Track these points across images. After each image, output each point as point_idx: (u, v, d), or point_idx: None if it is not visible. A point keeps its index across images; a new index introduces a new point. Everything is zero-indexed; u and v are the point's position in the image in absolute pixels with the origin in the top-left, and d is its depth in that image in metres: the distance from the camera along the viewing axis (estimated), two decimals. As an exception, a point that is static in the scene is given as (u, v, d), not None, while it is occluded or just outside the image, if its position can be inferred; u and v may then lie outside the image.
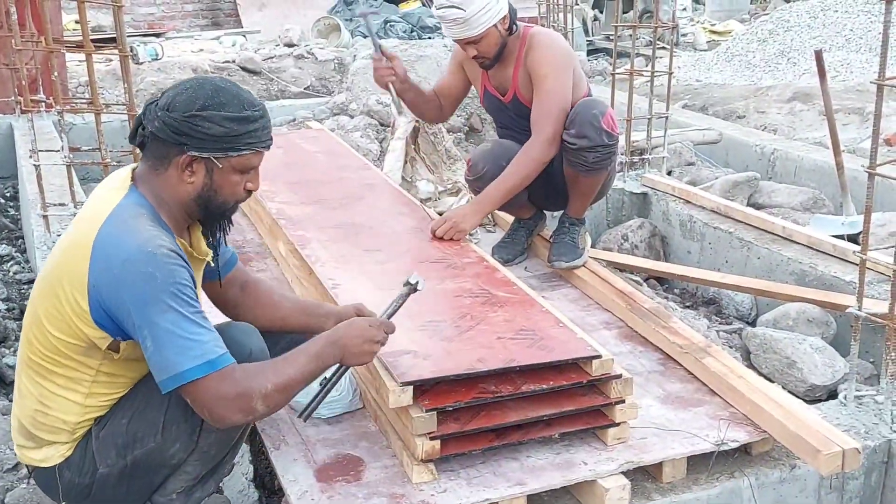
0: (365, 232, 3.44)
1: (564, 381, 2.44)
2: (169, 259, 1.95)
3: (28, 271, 4.67)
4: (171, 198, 2.08)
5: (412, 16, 11.86)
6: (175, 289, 1.94)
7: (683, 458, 2.47)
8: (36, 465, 2.17)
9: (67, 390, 2.08)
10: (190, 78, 2.12)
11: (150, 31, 11.47)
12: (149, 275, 1.92)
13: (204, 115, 2.00)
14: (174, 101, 2.02)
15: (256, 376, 2.00)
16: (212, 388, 1.94)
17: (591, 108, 3.49)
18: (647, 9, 9.87)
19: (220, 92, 2.04)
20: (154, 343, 1.92)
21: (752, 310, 4.13)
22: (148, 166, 2.09)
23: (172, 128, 2.00)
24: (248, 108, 2.06)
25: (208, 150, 2.02)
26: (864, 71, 8.51)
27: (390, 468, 2.40)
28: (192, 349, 1.92)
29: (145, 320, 1.92)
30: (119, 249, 1.94)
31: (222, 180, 2.08)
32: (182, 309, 1.93)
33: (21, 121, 6.12)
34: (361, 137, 5.98)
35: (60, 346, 2.04)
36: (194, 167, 2.05)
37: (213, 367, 1.94)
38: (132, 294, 1.92)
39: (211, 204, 2.11)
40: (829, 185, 5.13)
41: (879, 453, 2.63)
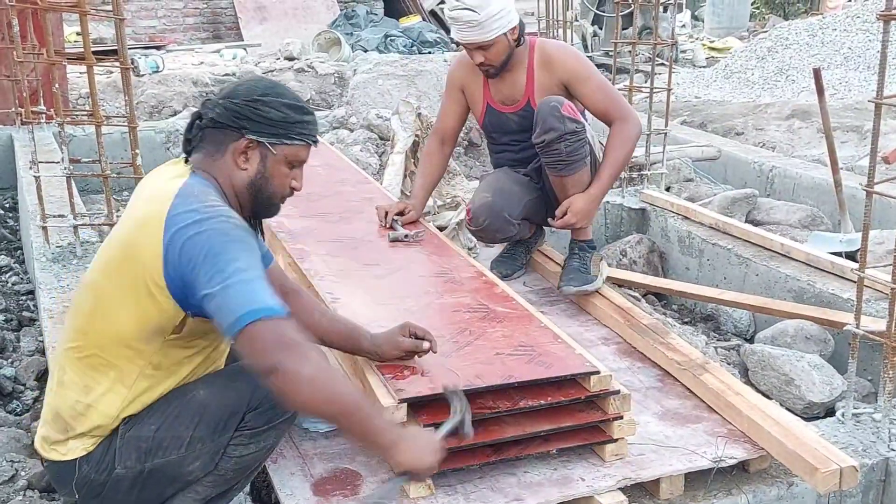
0: (364, 246, 3.44)
1: (562, 396, 2.44)
2: (241, 226, 2.04)
3: (26, 282, 4.66)
4: (227, 185, 2.16)
5: (412, 30, 11.91)
6: (244, 244, 2.00)
7: (681, 474, 2.46)
8: (56, 458, 2.16)
9: (114, 383, 2.09)
10: (243, 79, 2.27)
11: (152, 44, 11.51)
12: (223, 231, 1.99)
13: (265, 101, 2.13)
14: (235, 90, 2.16)
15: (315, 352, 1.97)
16: (271, 327, 1.91)
17: (548, 102, 3.51)
18: (646, 25, 9.90)
19: (278, 85, 2.21)
20: (222, 287, 1.92)
21: (750, 326, 4.13)
22: (203, 155, 2.17)
23: (234, 112, 2.12)
24: (302, 101, 2.23)
25: (265, 134, 2.13)
26: (862, 89, 8.54)
27: (388, 483, 2.39)
28: (259, 294, 1.94)
29: (215, 268, 1.94)
30: (192, 215, 2.00)
31: (274, 169, 2.18)
32: (250, 261, 1.98)
33: (21, 132, 6.12)
34: (361, 151, 5.99)
35: (126, 329, 2.06)
36: (249, 153, 2.15)
37: (272, 312, 1.93)
38: (206, 247, 1.96)
39: (261, 194, 2.20)
40: (828, 203, 5.14)
41: (877, 471, 2.63)
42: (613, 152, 3.58)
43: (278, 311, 1.94)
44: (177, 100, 8.35)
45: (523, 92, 3.67)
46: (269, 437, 2.18)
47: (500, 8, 3.46)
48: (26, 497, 2.62)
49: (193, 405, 2.11)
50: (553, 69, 3.62)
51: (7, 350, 3.80)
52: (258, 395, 2.11)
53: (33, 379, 3.48)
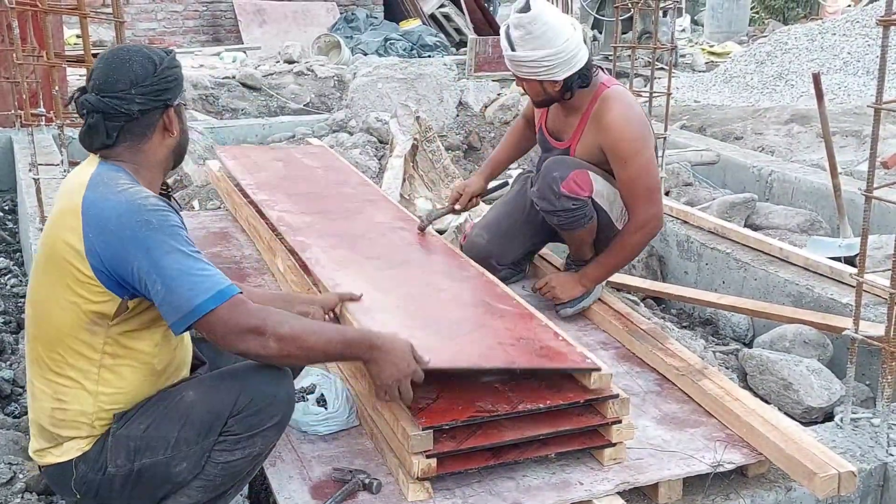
0: (364, 242, 3.44)
1: (561, 400, 2.44)
2: (158, 206, 2.03)
3: (25, 284, 4.66)
4: (148, 164, 2.16)
5: (412, 34, 11.93)
6: (173, 230, 2.01)
7: (679, 479, 2.46)
8: (53, 461, 2.17)
9: (77, 381, 2.09)
10: (98, 58, 2.19)
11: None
12: (145, 222, 1.99)
13: (165, 65, 2.13)
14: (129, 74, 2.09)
15: (275, 315, 2.07)
16: (224, 316, 1.99)
17: (552, 170, 3.36)
18: (646, 30, 9.91)
19: (141, 50, 2.15)
20: (164, 284, 1.97)
21: (748, 331, 4.13)
22: (125, 148, 2.14)
23: (154, 92, 2.10)
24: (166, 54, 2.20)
25: (179, 92, 2.17)
26: (861, 94, 8.55)
27: (386, 486, 2.39)
28: (202, 283, 1.98)
29: (152, 265, 1.97)
30: (108, 208, 2.01)
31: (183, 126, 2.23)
32: (183, 248, 2.00)
33: (21, 134, 6.13)
34: (360, 154, 5.99)
35: (65, 327, 2.06)
36: (172, 118, 2.16)
37: (224, 296, 1.99)
38: (133, 244, 1.97)
39: (183, 147, 2.26)
40: (827, 208, 5.14)
41: (875, 476, 2.63)
42: (619, 250, 3.45)
43: (223, 296, 1.99)
44: (176, 102, 8.35)
45: (571, 135, 3.48)
46: (254, 445, 2.15)
47: (545, 57, 3.21)
48: (24, 500, 2.62)
49: (181, 406, 2.11)
50: (599, 131, 3.37)
51: (5, 352, 3.80)
52: (242, 400, 2.10)
53: (32, 381, 3.48)
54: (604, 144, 3.35)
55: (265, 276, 3.83)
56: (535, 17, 3.17)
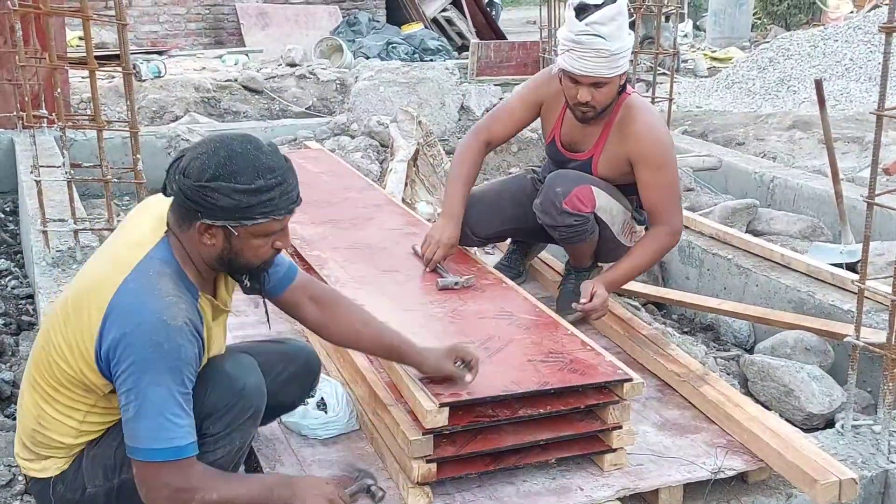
0: (379, 253, 3.43)
1: (561, 405, 2.43)
2: (181, 335, 1.94)
3: (26, 286, 4.66)
4: (196, 255, 2.06)
5: (414, 38, 11.93)
6: (177, 365, 1.94)
7: (680, 485, 2.46)
8: (34, 475, 2.18)
9: (64, 416, 2.09)
10: (210, 139, 2.02)
11: (154, 49, 11.53)
12: (157, 344, 1.92)
13: (212, 187, 1.93)
14: (189, 166, 1.96)
15: (209, 481, 1.99)
16: (163, 472, 1.94)
17: (555, 185, 3.30)
18: (648, 35, 9.92)
19: (234, 159, 1.95)
20: (136, 411, 1.93)
21: (749, 337, 4.13)
22: (175, 219, 2.05)
23: (186, 195, 1.96)
24: (263, 176, 1.96)
25: (220, 219, 1.97)
26: (863, 100, 8.54)
27: (386, 491, 2.38)
28: (168, 430, 1.93)
29: (135, 386, 1.93)
30: (136, 310, 1.94)
31: (242, 245, 2.03)
32: (175, 388, 1.94)
33: (23, 136, 6.13)
34: (362, 158, 6.00)
35: (63, 377, 2.05)
36: (212, 231, 2.00)
37: (179, 454, 1.94)
38: (135, 358, 1.92)
39: (234, 264, 2.08)
40: (828, 214, 5.14)
41: (876, 483, 2.62)
42: (637, 257, 3.34)
43: (177, 453, 1.93)
44: (178, 105, 8.36)
45: (591, 146, 3.37)
46: (233, 440, 2.13)
47: (628, 45, 3.12)
48: (24, 502, 2.62)
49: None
50: (625, 140, 3.27)
51: (6, 354, 3.80)
52: (211, 401, 2.07)
53: (32, 383, 3.47)
54: (633, 153, 3.26)
55: (266, 279, 3.82)
56: (620, 7, 3.07)
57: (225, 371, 2.10)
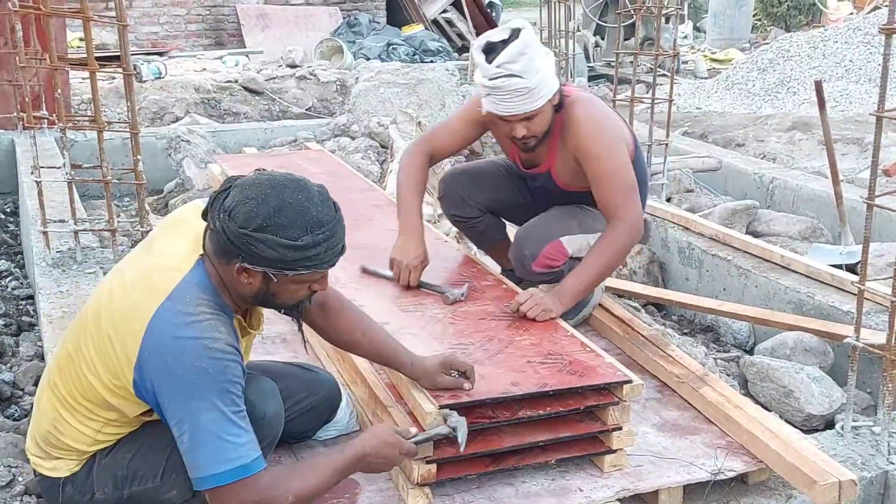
0: (379, 254, 3.42)
1: (561, 407, 2.43)
2: (224, 355, 1.93)
3: (26, 287, 4.66)
4: (232, 288, 2.04)
5: (415, 39, 11.93)
6: (224, 386, 1.92)
7: (679, 486, 2.46)
8: (44, 472, 2.18)
9: (82, 425, 2.09)
10: (261, 181, 1.97)
11: (154, 50, 11.53)
12: (201, 370, 1.90)
13: (258, 238, 1.91)
14: (236, 209, 1.92)
15: (280, 485, 1.97)
16: (236, 492, 1.92)
17: (523, 247, 3.26)
18: (648, 36, 9.92)
19: (283, 211, 1.92)
20: (191, 439, 1.91)
21: (749, 338, 4.13)
22: (213, 250, 2.02)
23: (228, 239, 1.93)
24: (311, 231, 1.95)
25: (261, 267, 1.96)
26: (863, 102, 8.54)
27: (385, 491, 2.39)
28: (228, 451, 1.90)
29: (187, 414, 1.90)
30: (175, 337, 1.91)
31: (279, 289, 2.02)
32: (226, 409, 1.91)
33: (23, 137, 6.13)
34: (362, 159, 6.00)
35: (91, 393, 2.04)
36: (251, 274, 1.98)
37: (247, 472, 1.92)
38: (180, 386, 1.90)
39: (269, 304, 2.08)
40: (828, 215, 5.14)
41: (876, 485, 2.62)
42: (593, 259, 3.13)
43: (245, 471, 1.91)
44: (179, 106, 8.37)
45: (545, 159, 3.28)
46: None
47: (545, 72, 2.98)
48: (24, 502, 2.61)
49: (166, 434, 2.04)
50: (568, 140, 3.16)
51: (6, 355, 3.80)
52: None
53: (32, 384, 3.48)
54: (575, 150, 3.14)
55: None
56: (526, 39, 2.93)
57: (246, 398, 2.06)
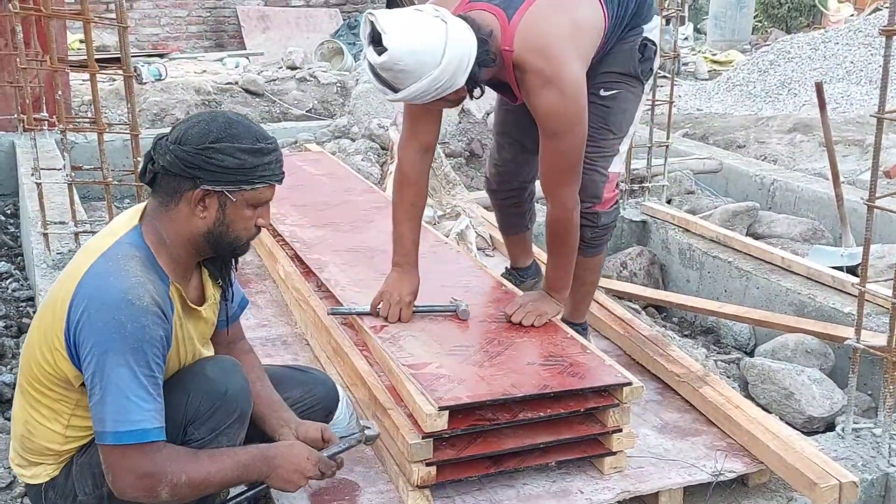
0: (379, 255, 3.42)
1: (562, 409, 2.43)
2: (145, 313, 1.92)
3: (27, 289, 4.66)
4: (178, 236, 2.05)
5: (415, 41, 11.93)
6: (139, 346, 1.91)
7: (680, 488, 2.45)
8: (27, 481, 2.18)
9: (49, 420, 2.08)
10: (200, 112, 2.08)
11: (154, 52, 11.53)
12: (119, 324, 1.89)
13: (217, 147, 1.96)
14: (186, 133, 1.98)
15: (176, 463, 1.95)
16: (128, 456, 1.90)
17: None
18: (648, 38, 9.91)
19: (233, 124, 2.01)
20: (100, 393, 1.90)
21: (750, 340, 4.13)
22: (157, 203, 2.05)
23: (185, 161, 1.97)
24: (262, 140, 2.03)
25: (222, 182, 1.99)
26: (864, 103, 8.55)
27: (385, 493, 2.39)
28: (132, 412, 1.89)
29: (99, 367, 1.90)
30: (100, 291, 1.93)
31: (235, 214, 2.04)
32: (138, 368, 1.90)
33: (23, 139, 6.13)
34: (362, 161, 5.99)
35: (43, 376, 2.04)
36: (207, 202, 2.01)
37: (144, 437, 1.90)
38: (98, 338, 1.90)
39: (222, 240, 2.07)
40: (829, 217, 5.14)
41: (877, 487, 2.62)
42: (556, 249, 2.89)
43: (142, 436, 1.89)
44: (179, 108, 8.36)
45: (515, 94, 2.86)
46: (220, 444, 2.10)
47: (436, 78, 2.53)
48: (23, 504, 2.61)
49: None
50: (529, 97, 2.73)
51: (6, 356, 3.80)
52: (192, 405, 2.05)
53: (32, 386, 3.47)
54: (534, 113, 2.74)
55: (266, 281, 3.83)
56: (394, 55, 2.48)
57: (206, 375, 2.08)
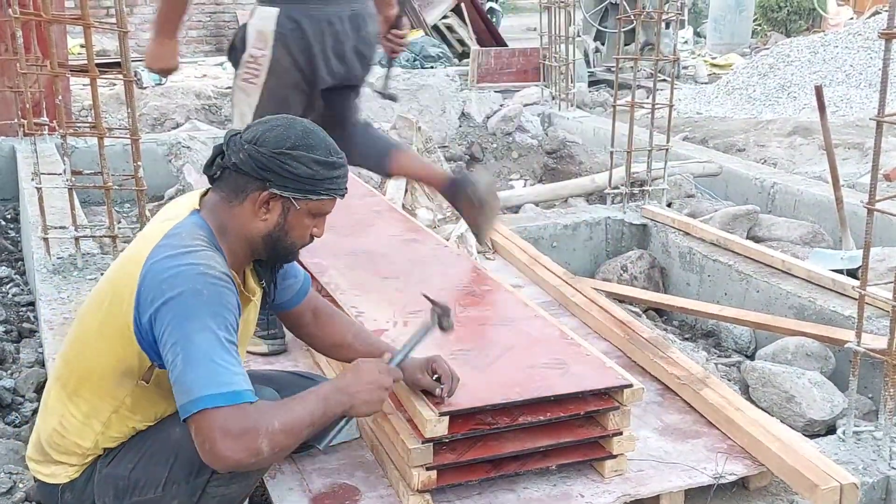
0: (380, 260, 3.42)
1: (562, 412, 2.43)
2: (219, 280, 1.93)
3: (27, 293, 4.66)
4: (237, 232, 2.07)
5: (415, 45, 11.93)
6: (219, 310, 1.91)
7: (681, 490, 2.45)
8: (42, 479, 2.16)
9: (88, 416, 2.07)
10: (279, 116, 2.11)
11: (155, 56, 11.51)
12: (196, 291, 1.89)
13: (293, 155, 2.00)
14: (264, 136, 2.02)
15: (264, 413, 1.91)
16: (223, 419, 1.83)
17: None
18: (648, 41, 9.93)
19: (310, 134, 2.05)
20: (184, 361, 1.86)
21: (750, 343, 4.13)
22: (221, 197, 2.08)
23: (259, 162, 2.00)
24: (334, 154, 2.07)
25: (290, 189, 2.02)
26: (863, 106, 8.56)
27: (386, 498, 2.38)
28: (221, 375, 1.86)
29: (181, 336, 1.87)
30: (171, 263, 1.93)
31: (295, 221, 2.08)
32: (221, 333, 1.89)
33: (24, 143, 6.14)
34: (363, 165, 5.99)
35: (97, 367, 2.03)
36: (271, 205, 2.04)
37: (238, 398, 1.85)
38: (175, 308, 1.89)
39: (279, 244, 2.10)
40: (829, 220, 5.14)
41: (878, 490, 2.62)
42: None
43: (236, 397, 1.85)
44: (179, 112, 8.38)
45: None
46: (250, 476, 2.11)
47: None
48: (24, 509, 2.61)
49: (168, 445, 2.04)
50: None
51: (7, 361, 3.80)
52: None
53: (32, 391, 3.48)
54: None
55: (266, 285, 3.82)
56: None
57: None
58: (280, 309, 2.40)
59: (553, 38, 8.67)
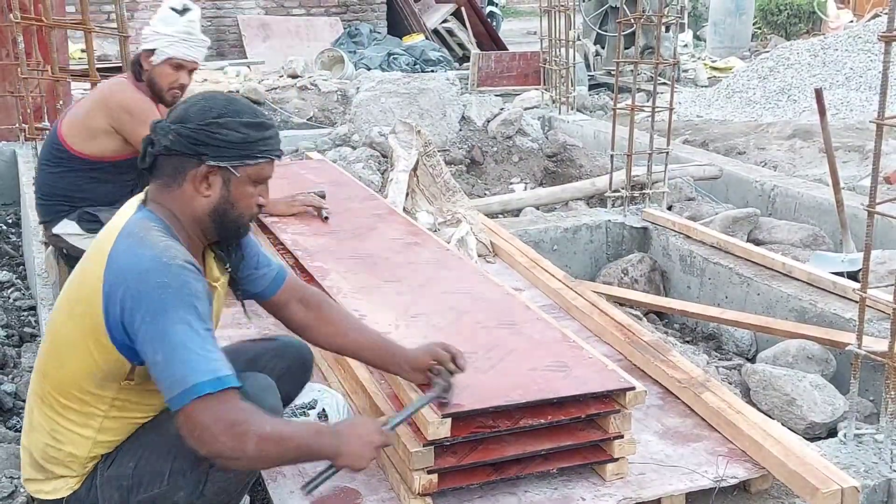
0: (381, 263, 3.42)
1: (563, 415, 2.43)
2: (183, 270, 1.94)
3: (28, 298, 4.67)
4: (185, 214, 2.07)
5: (415, 49, 11.96)
6: (187, 299, 1.91)
7: (682, 494, 2.45)
8: (44, 497, 2.14)
9: (79, 426, 2.06)
10: (194, 95, 2.13)
11: (155, 61, 11.52)
12: (163, 285, 1.90)
13: (221, 122, 2.01)
14: (187, 112, 2.03)
15: (258, 415, 1.93)
16: (211, 407, 1.85)
17: None
18: (648, 45, 9.94)
19: (233, 101, 2.07)
20: (164, 356, 1.88)
21: (751, 346, 4.12)
22: (159, 185, 2.07)
23: (189, 138, 2.00)
24: (261, 115, 2.10)
25: (226, 158, 2.02)
26: (863, 109, 8.56)
27: (387, 501, 2.39)
28: (202, 364, 1.87)
29: (157, 332, 1.88)
30: (133, 261, 1.93)
31: (238, 192, 2.07)
32: (193, 323, 1.90)
33: (25, 148, 6.14)
34: (363, 168, 6.00)
35: (77, 376, 2.02)
36: (210, 179, 2.04)
37: (222, 384, 1.87)
38: (145, 304, 1.89)
39: (227, 218, 2.10)
40: (829, 223, 5.14)
41: (879, 493, 2.62)
42: None
43: (220, 383, 1.87)
44: (180, 116, 8.37)
45: None
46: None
47: None
48: (26, 515, 2.61)
49: (167, 438, 2.03)
50: None
51: (8, 366, 3.80)
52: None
53: (34, 395, 3.48)
54: None
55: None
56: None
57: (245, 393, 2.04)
58: (257, 298, 2.38)
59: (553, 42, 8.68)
